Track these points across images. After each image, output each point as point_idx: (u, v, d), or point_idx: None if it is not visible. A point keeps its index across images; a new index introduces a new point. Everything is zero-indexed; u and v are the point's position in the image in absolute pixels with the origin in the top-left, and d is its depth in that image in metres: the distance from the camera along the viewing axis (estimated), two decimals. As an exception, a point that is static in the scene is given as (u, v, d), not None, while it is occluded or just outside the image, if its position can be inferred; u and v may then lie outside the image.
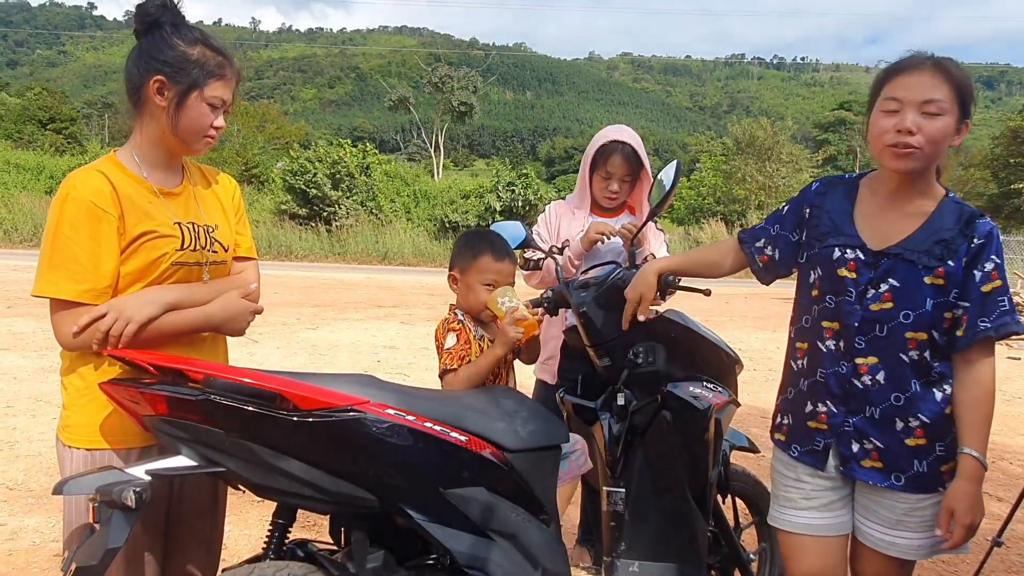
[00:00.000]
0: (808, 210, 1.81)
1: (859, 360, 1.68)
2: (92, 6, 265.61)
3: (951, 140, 1.60)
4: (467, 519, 1.62)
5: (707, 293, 2.18)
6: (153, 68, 1.59)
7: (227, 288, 1.74)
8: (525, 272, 2.63)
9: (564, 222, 2.79)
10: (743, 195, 26.76)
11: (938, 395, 1.67)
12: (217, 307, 1.67)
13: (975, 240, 1.61)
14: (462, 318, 2.04)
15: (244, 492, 1.62)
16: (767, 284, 1.97)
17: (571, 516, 3.09)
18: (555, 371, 2.66)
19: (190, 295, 1.65)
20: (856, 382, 1.69)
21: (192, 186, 1.75)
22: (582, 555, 2.88)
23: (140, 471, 1.41)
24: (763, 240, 1.89)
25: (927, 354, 1.65)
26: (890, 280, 1.65)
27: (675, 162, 2.22)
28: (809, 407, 1.76)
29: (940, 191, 1.68)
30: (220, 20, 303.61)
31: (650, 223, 2.50)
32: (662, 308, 2.18)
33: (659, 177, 2.23)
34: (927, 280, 1.62)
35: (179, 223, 1.66)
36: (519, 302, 1.98)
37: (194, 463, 1.48)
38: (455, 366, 1.95)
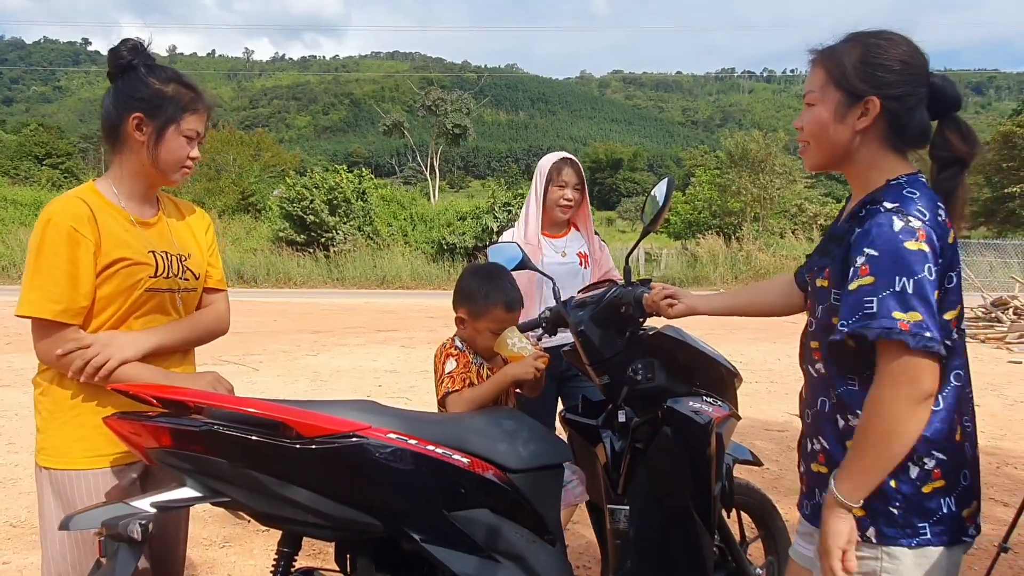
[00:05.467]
0: None
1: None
2: (87, 42, 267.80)
3: (839, 125, 1.42)
4: (472, 541, 1.62)
5: None
6: (131, 106, 1.70)
7: (202, 322, 1.89)
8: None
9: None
10: (738, 207, 26.87)
11: (840, 423, 1.42)
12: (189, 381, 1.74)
13: (858, 228, 1.34)
14: (460, 346, 2.06)
15: (249, 521, 1.63)
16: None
17: (578, 536, 3.09)
18: None
19: (171, 337, 1.78)
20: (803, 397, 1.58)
21: (167, 217, 1.85)
22: None
23: (145, 503, 1.43)
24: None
25: (823, 368, 1.45)
26: (809, 287, 1.54)
27: (667, 178, 2.24)
28: None
29: (878, 182, 1.42)
30: (214, 51, 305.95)
31: (596, 239, 3.03)
32: (660, 324, 2.19)
33: (652, 193, 2.25)
34: (818, 283, 1.46)
35: (153, 251, 1.75)
36: (527, 341, 2.02)
37: (199, 494, 1.49)
38: (458, 387, 1.96)
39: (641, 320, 2.09)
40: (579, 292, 2.46)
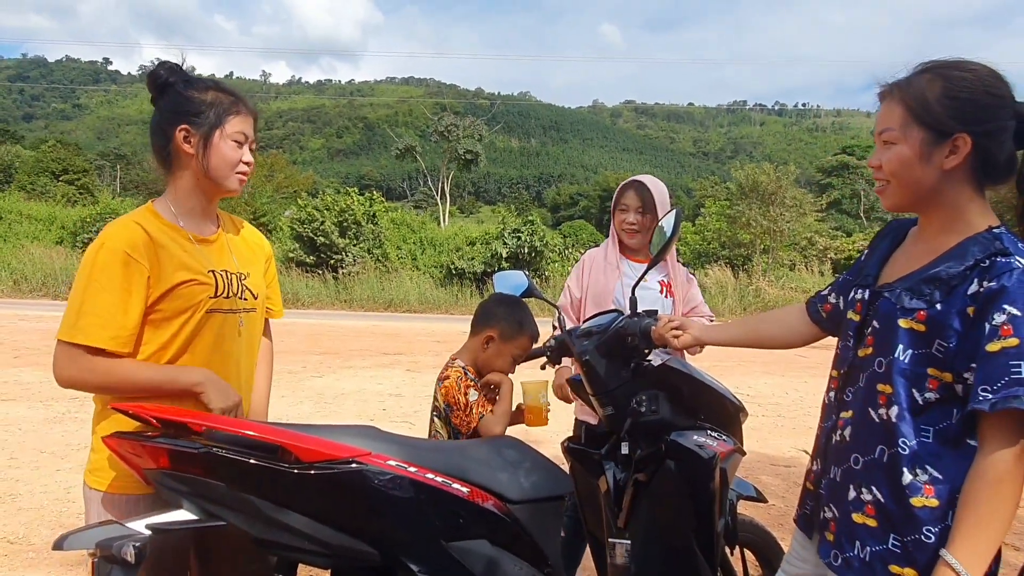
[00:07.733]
0: (865, 252, 1.62)
1: (843, 413, 1.47)
2: (107, 61, 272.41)
3: (925, 165, 1.35)
4: (469, 573, 1.60)
5: None
6: (176, 120, 1.71)
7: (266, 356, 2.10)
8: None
9: (596, 272, 2.95)
10: (748, 239, 26.83)
11: (906, 476, 1.31)
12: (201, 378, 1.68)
13: (987, 282, 1.24)
14: (473, 377, 2.16)
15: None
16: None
17: (579, 569, 3.03)
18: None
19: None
20: (834, 436, 1.48)
21: (226, 234, 1.85)
22: None
23: (140, 525, 1.41)
24: (829, 289, 1.70)
25: (893, 415, 1.34)
26: (874, 322, 1.42)
27: (675, 210, 2.24)
28: (809, 464, 1.61)
29: (975, 226, 1.35)
30: (232, 73, 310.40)
31: (683, 270, 2.96)
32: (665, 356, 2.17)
33: (660, 225, 2.25)
34: (902, 323, 1.35)
35: (213, 271, 1.74)
36: (549, 400, 2.30)
37: (195, 517, 1.48)
38: (489, 409, 2.11)
39: (647, 351, 2.08)
40: (583, 321, 2.46)
